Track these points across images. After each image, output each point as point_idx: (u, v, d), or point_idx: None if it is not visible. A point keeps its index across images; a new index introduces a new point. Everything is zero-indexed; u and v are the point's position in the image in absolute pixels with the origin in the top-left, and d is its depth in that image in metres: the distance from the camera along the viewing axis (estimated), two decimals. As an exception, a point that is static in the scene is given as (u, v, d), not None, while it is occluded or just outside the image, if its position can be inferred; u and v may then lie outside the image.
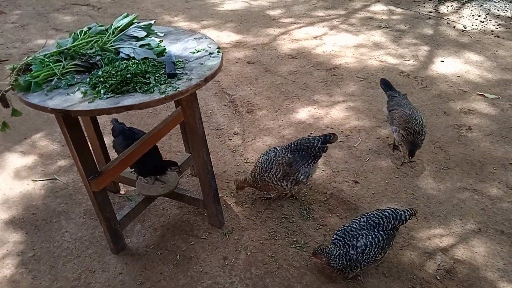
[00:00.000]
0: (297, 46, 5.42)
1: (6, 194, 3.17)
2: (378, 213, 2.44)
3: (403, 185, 3.16)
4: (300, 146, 2.85)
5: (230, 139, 3.72)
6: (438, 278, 2.47)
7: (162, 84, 2.11)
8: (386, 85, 3.62)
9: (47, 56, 2.28)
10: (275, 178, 2.81)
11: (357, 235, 2.35)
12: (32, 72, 2.17)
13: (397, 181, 3.19)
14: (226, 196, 3.10)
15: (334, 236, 2.43)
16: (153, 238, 2.77)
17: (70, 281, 2.51)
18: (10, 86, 2.13)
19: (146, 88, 2.06)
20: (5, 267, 2.61)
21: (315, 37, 5.66)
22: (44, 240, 2.78)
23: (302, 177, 2.81)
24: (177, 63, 2.30)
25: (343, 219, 2.88)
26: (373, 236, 2.35)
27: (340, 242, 2.37)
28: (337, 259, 2.34)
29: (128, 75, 2.10)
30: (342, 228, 2.43)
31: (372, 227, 2.38)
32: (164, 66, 2.27)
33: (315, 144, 2.83)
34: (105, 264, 2.61)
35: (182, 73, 2.21)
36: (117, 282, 2.49)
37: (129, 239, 2.77)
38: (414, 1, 6.97)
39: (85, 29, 2.50)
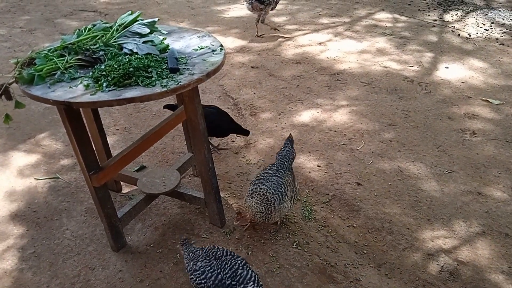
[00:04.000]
0: (301, 51, 5.44)
1: (9, 191, 3.17)
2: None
3: (406, 187, 3.13)
4: (285, 160, 2.76)
5: (233, 141, 3.72)
6: (442, 280, 2.43)
7: (164, 78, 2.12)
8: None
9: (51, 50, 2.30)
10: (279, 205, 2.58)
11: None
12: (36, 65, 2.19)
13: (400, 184, 3.17)
14: (228, 197, 3.08)
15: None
16: (154, 236, 2.76)
17: (70, 278, 2.50)
18: (14, 79, 2.15)
19: (148, 82, 2.07)
20: (5, 263, 2.60)
21: (319, 43, 5.68)
22: (44, 237, 2.77)
23: (297, 185, 2.77)
24: (180, 59, 2.31)
25: (345, 221, 2.86)
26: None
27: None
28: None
29: (131, 69, 2.11)
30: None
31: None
32: (166, 61, 2.28)
33: (291, 151, 2.83)
34: (105, 261, 2.59)
35: (185, 68, 2.22)
36: (117, 280, 2.48)
37: (129, 238, 2.76)
38: (419, 9, 6.99)
39: (89, 26, 2.53)
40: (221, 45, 2.50)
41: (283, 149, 2.83)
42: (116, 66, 2.14)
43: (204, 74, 2.15)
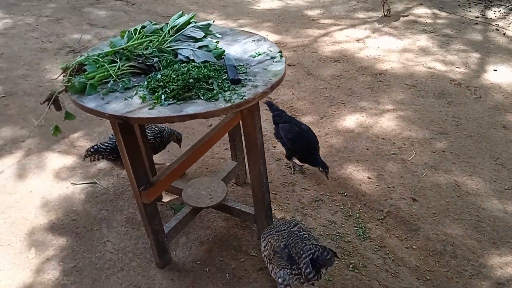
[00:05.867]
0: (339, 48, 5.20)
1: (45, 197, 3.04)
2: None
3: (465, 205, 2.92)
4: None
5: (274, 147, 3.53)
6: (515, 314, 2.24)
7: (226, 91, 1.93)
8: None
9: (101, 55, 2.13)
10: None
11: None
12: (87, 73, 2.02)
13: (459, 201, 2.95)
14: (274, 209, 2.90)
15: None
16: (200, 252, 2.60)
17: (114, 296, 2.36)
18: (64, 88, 1.98)
19: (210, 95, 1.89)
20: (46, 276, 2.47)
21: (357, 40, 5.42)
22: (85, 250, 2.64)
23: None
24: (239, 67, 2.12)
25: (404, 241, 2.66)
26: None
27: None
28: None
29: (191, 80, 1.93)
30: None
31: None
32: (225, 70, 2.09)
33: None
34: (150, 279, 2.44)
35: (246, 78, 2.03)
36: (163, 300, 2.33)
37: (174, 253, 2.60)
38: (459, 5, 6.65)
39: (139, 27, 2.34)
40: (280, 52, 2.30)
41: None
42: (174, 76, 1.96)
43: (269, 86, 1.96)
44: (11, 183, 3.18)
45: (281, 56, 2.26)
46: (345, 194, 3.03)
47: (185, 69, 1.99)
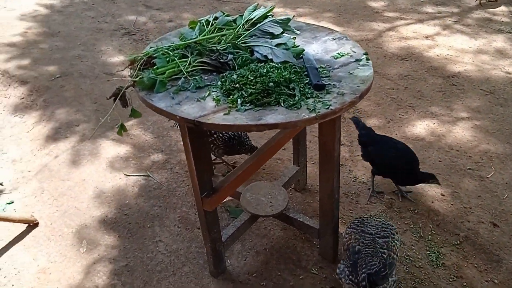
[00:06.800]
0: (406, 45, 4.82)
1: (99, 187, 2.95)
2: None
3: (556, 236, 2.58)
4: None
5: (336, 150, 3.28)
6: None
7: (309, 98, 1.70)
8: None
9: (171, 48, 1.95)
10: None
11: None
12: (156, 67, 1.85)
13: (547, 230, 2.62)
14: (336, 221, 2.68)
15: None
16: (256, 264, 2.43)
17: (165, 303, 2.24)
18: (132, 83, 1.82)
19: (291, 102, 1.67)
20: (97, 276, 2.37)
21: (426, 37, 5.01)
22: (137, 248, 2.52)
23: None
24: (320, 69, 1.89)
25: (483, 273, 2.38)
26: None
27: None
28: None
29: (270, 84, 1.71)
30: None
31: None
32: (305, 72, 1.86)
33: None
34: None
35: (330, 84, 1.80)
36: (217, 313, 2.18)
37: (228, 261, 2.44)
38: (540, 2, 6.04)
39: (210, 18, 2.14)
40: (366, 53, 2.06)
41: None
42: (252, 78, 1.75)
43: (357, 95, 1.72)
44: (65, 169, 3.11)
45: (367, 59, 2.01)
46: (416, 211, 2.76)
47: (264, 70, 1.77)
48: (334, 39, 2.18)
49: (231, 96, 1.71)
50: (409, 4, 5.98)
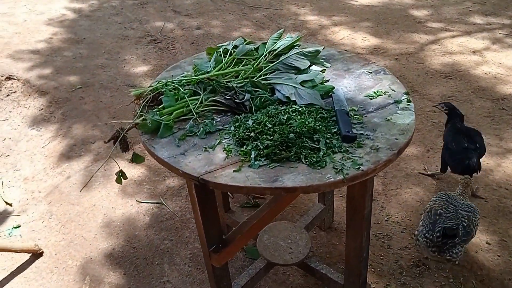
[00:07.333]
0: (450, 61, 4.41)
1: (108, 214, 2.77)
2: None
3: None
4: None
5: (367, 182, 2.97)
6: None
7: (336, 153, 1.42)
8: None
9: (181, 83, 1.71)
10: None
11: None
12: (161, 106, 1.62)
13: None
14: (364, 269, 2.38)
15: None
16: (272, 317, 2.18)
17: None
18: (133, 125, 1.60)
19: (314, 159, 1.39)
20: (97, 321, 2.19)
21: (474, 52, 4.58)
22: (142, 290, 2.33)
23: None
24: (352, 113, 1.61)
25: None
26: None
27: None
28: None
29: (291, 135, 1.44)
30: None
31: None
32: (333, 116, 1.58)
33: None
34: None
35: (362, 134, 1.51)
36: None
37: (242, 312, 2.20)
38: None
39: (230, 47, 1.89)
40: (407, 93, 1.77)
41: None
42: (269, 126, 1.48)
43: (395, 151, 1.43)
44: (75, 191, 2.96)
45: (408, 101, 1.73)
46: (456, 262, 2.42)
47: (285, 117, 1.51)
48: (370, 72, 1.89)
49: (244, 147, 1.46)
50: (455, 13, 5.53)
